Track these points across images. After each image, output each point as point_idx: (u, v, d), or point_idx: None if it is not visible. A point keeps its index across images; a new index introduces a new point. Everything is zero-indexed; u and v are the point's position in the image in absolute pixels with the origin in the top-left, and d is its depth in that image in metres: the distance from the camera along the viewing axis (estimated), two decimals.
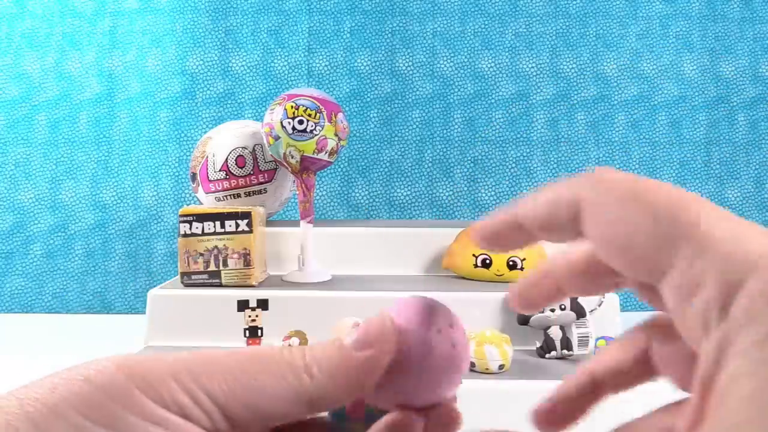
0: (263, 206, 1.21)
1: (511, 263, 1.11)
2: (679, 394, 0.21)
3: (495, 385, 0.86)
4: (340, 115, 1.14)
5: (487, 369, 0.88)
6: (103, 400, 0.17)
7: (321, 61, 1.76)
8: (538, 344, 0.96)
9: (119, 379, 0.17)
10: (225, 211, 1.10)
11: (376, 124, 1.77)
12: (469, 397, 0.85)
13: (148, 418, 0.17)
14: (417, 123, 1.77)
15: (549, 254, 1.17)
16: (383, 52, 1.77)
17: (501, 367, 0.88)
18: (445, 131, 1.77)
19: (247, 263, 1.09)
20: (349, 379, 0.20)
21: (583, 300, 0.97)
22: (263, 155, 1.21)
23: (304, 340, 0.94)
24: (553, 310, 0.95)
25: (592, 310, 0.98)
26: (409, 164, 1.77)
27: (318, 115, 1.10)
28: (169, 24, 1.76)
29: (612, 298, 1.03)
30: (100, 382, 0.17)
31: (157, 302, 1.06)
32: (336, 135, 1.12)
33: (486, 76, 1.77)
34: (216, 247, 1.09)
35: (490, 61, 1.77)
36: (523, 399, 0.88)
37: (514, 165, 1.77)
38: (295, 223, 1.19)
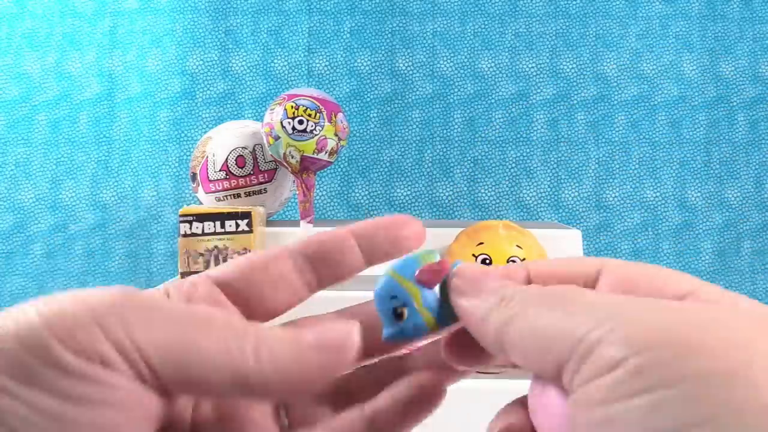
0: (263, 206, 1.21)
1: (511, 263, 1.11)
2: None
3: (495, 385, 0.86)
4: (340, 115, 1.14)
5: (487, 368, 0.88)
6: (22, 355, 0.16)
7: (321, 61, 1.77)
8: None
9: (39, 330, 0.17)
10: (225, 211, 1.10)
11: (376, 124, 1.77)
12: (470, 397, 0.85)
13: (65, 370, 0.16)
14: (417, 123, 1.77)
15: (549, 255, 1.17)
16: (383, 52, 1.77)
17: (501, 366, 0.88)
18: (445, 131, 1.77)
19: None
20: (296, 376, 0.19)
21: None
22: (263, 155, 1.21)
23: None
24: None
25: None
26: (409, 164, 1.77)
27: (318, 115, 1.10)
28: (169, 24, 1.76)
29: None
30: (21, 335, 0.17)
31: None
32: (336, 135, 1.12)
33: (486, 76, 1.77)
34: (216, 247, 1.09)
35: (490, 61, 1.77)
36: None
37: (514, 165, 1.77)
38: (295, 223, 1.19)
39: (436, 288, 0.22)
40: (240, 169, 1.21)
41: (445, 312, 0.21)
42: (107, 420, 0.17)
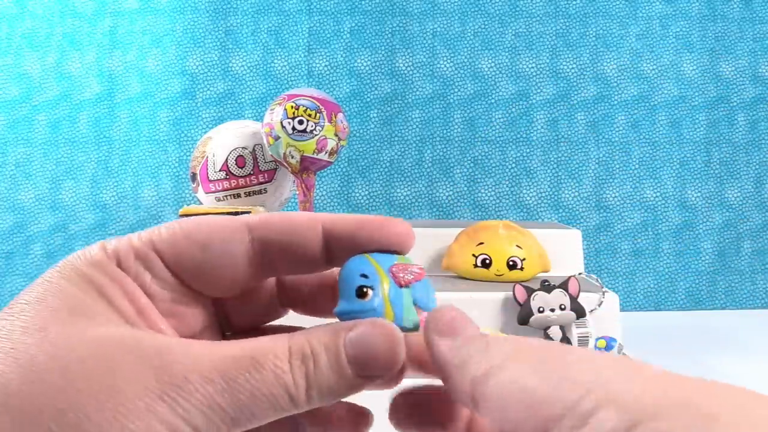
0: (263, 206, 1.21)
1: (511, 263, 1.11)
2: None
3: None
4: (340, 115, 1.14)
5: None
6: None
7: (321, 61, 1.77)
8: None
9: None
10: (225, 211, 1.10)
11: (376, 124, 1.77)
12: None
13: None
14: (417, 123, 1.77)
15: (548, 255, 1.17)
16: (383, 52, 1.77)
17: None
18: (445, 131, 1.77)
19: None
20: (339, 398, 0.19)
21: (583, 300, 0.97)
22: (263, 155, 1.21)
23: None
24: (552, 310, 0.95)
25: (592, 310, 0.98)
26: (409, 164, 1.77)
27: (318, 115, 1.10)
28: (169, 24, 1.76)
29: (612, 298, 1.03)
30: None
31: None
32: (336, 135, 1.12)
33: (486, 76, 1.77)
34: None
35: (490, 61, 1.77)
36: None
37: (514, 165, 1.77)
38: None
39: (406, 290, 0.21)
40: (240, 169, 1.21)
41: (406, 316, 0.20)
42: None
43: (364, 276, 0.21)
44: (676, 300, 1.76)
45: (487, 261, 1.12)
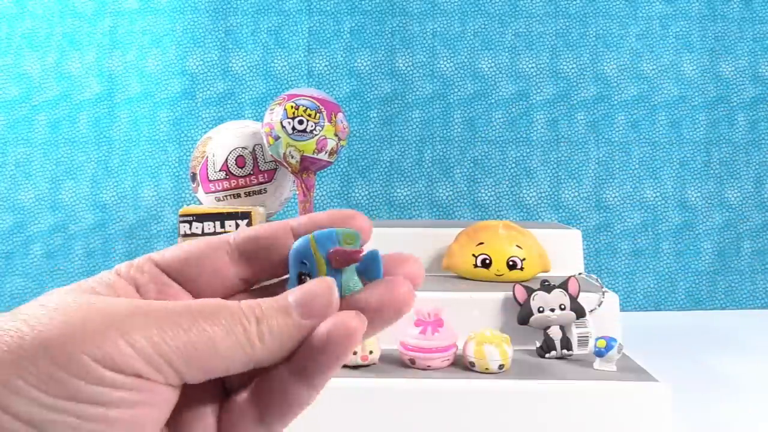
0: (263, 206, 1.21)
1: (511, 263, 1.11)
2: None
3: (495, 385, 0.86)
4: (340, 115, 1.14)
5: (487, 369, 0.88)
6: (54, 371, 0.18)
7: (321, 61, 1.76)
8: (538, 344, 0.96)
9: (66, 345, 0.18)
10: (225, 211, 1.10)
11: (376, 124, 1.77)
12: (470, 396, 0.85)
13: (101, 383, 0.18)
14: (417, 123, 1.77)
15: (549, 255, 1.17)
16: (383, 52, 1.77)
17: (501, 366, 0.88)
18: (445, 131, 1.77)
19: None
20: (293, 344, 0.20)
21: (583, 300, 0.97)
22: (263, 155, 1.21)
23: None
24: (552, 310, 0.95)
25: (591, 310, 0.98)
26: (409, 164, 1.77)
27: (318, 115, 1.10)
28: (169, 24, 1.76)
29: (612, 298, 1.03)
30: (48, 347, 0.18)
31: None
32: (336, 135, 1.12)
33: (486, 76, 1.77)
34: None
35: (490, 61, 1.77)
36: (523, 399, 0.88)
37: (514, 165, 1.77)
38: None
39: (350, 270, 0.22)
40: (240, 169, 1.21)
41: (344, 293, 0.22)
42: (141, 416, 0.19)
43: (303, 263, 0.22)
44: (676, 300, 1.76)
45: (487, 261, 1.12)
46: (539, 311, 0.96)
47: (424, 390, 0.86)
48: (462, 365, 0.91)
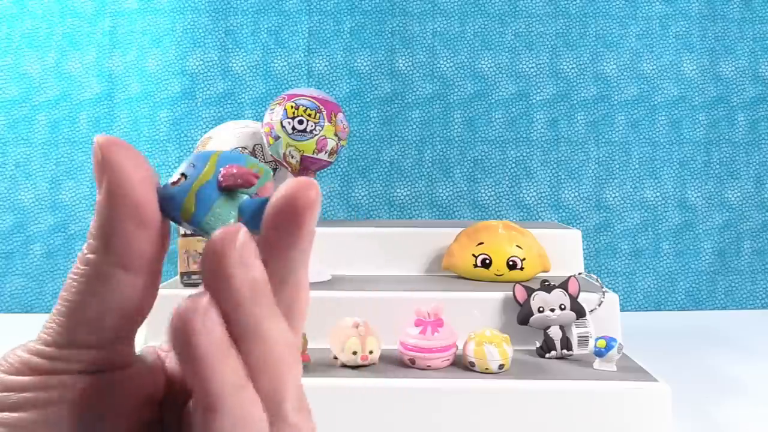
0: None
1: (510, 263, 1.11)
2: None
3: (495, 385, 0.86)
4: (340, 115, 1.14)
5: (487, 369, 0.88)
6: None
7: (321, 61, 1.76)
8: (538, 344, 0.96)
9: None
10: None
11: (376, 124, 1.77)
12: (469, 396, 0.85)
13: (7, 389, 0.18)
14: (417, 123, 1.77)
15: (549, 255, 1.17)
16: (383, 52, 1.77)
17: (501, 366, 0.88)
18: (445, 131, 1.77)
19: None
20: (113, 220, 0.18)
21: (583, 300, 0.97)
22: (263, 155, 1.21)
23: (304, 341, 0.94)
24: (552, 310, 0.95)
25: (591, 310, 0.98)
26: (409, 164, 1.77)
27: (318, 115, 1.10)
28: (169, 24, 1.76)
29: (612, 298, 1.03)
30: None
31: (157, 302, 1.06)
32: (336, 135, 1.12)
33: (486, 76, 1.77)
34: None
35: (490, 61, 1.77)
36: (523, 399, 0.88)
37: (514, 165, 1.77)
38: None
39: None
40: None
41: (208, 219, 0.18)
42: (54, 415, 0.18)
43: (192, 166, 0.19)
44: (676, 300, 1.76)
45: (487, 261, 1.12)
46: (539, 311, 0.96)
47: (424, 390, 0.86)
48: (462, 365, 0.91)
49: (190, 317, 0.16)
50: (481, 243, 1.13)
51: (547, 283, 0.97)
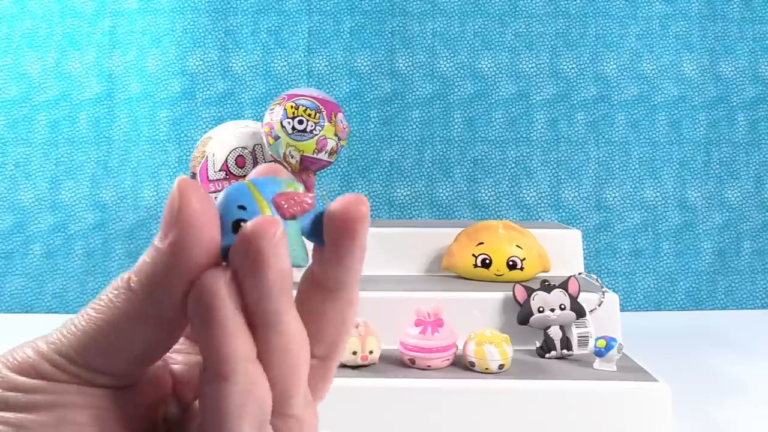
0: None
1: (511, 263, 1.11)
2: None
3: (495, 385, 0.86)
4: (340, 115, 1.14)
5: (487, 369, 0.88)
6: None
7: (321, 61, 1.76)
8: (538, 344, 0.96)
9: None
10: None
11: (376, 124, 1.77)
12: (469, 396, 0.85)
13: (16, 389, 0.18)
14: (417, 123, 1.77)
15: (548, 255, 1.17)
16: (383, 52, 1.77)
17: (501, 366, 0.88)
18: (445, 131, 1.77)
19: None
20: (167, 275, 0.17)
21: (583, 300, 0.97)
22: (263, 155, 1.21)
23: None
24: (552, 310, 0.95)
25: (592, 310, 0.98)
26: (409, 164, 1.77)
27: (318, 115, 1.10)
28: (169, 24, 1.76)
29: (612, 298, 1.03)
30: None
31: None
32: (336, 135, 1.12)
33: (486, 76, 1.77)
34: None
35: (490, 61, 1.77)
36: (523, 399, 0.88)
37: (514, 165, 1.77)
38: None
39: (298, 222, 0.18)
40: (240, 169, 1.21)
41: (290, 251, 0.18)
42: (56, 419, 0.18)
43: (242, 208, 0.18)
44: (676, 300, 1.76)
45: (487, 261, 1.12)
46: (539, 311, 0.96)
47: (424, 390, 0.86)
48: (462, 365, 0.91)
49: (213, 281, 0.17)
50: (481, 243, 1.13)
51: (547, 283, 0.97)
